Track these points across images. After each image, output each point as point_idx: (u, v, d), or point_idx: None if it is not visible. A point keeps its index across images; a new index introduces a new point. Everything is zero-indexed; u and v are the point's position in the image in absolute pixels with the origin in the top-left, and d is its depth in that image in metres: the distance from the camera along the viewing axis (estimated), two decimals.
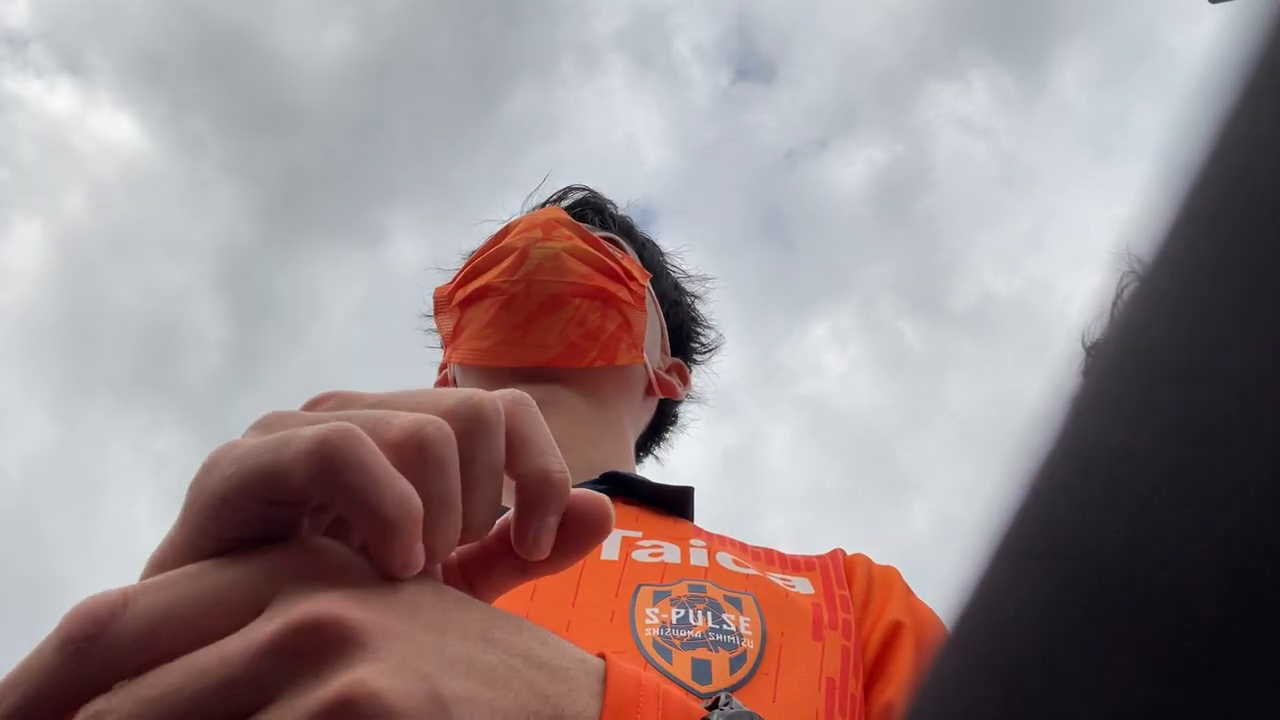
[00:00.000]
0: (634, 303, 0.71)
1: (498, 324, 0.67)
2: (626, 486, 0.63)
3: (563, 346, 0.67)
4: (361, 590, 0.27)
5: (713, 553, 0.57)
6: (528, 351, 0.67)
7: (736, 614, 0.50)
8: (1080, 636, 0.12)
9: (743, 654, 0.47)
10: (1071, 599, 0.12)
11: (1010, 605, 0.13)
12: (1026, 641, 0.13)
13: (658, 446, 0.86)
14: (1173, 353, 0.12)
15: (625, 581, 0.52)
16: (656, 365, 0.77)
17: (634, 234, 0.84)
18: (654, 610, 0.50)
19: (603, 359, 0.68)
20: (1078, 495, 0.13)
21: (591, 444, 0.67)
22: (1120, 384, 0.13)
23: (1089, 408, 0.13)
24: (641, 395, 0.76)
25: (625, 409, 0.73)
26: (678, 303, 0.84)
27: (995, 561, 0.14)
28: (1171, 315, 0.13)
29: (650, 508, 0.62)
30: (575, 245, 0.68)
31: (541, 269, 0.66)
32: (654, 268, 0.81)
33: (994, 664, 0.13)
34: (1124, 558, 0.11)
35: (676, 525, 0.61)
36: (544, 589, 0.51)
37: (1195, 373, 0.12)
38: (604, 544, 0.55)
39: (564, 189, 0.86)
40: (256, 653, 0.25)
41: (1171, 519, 0.11)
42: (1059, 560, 0.13)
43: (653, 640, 0.48)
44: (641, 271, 0.75)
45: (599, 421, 0.69)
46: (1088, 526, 0.12)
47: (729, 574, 0.55)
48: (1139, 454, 0.12)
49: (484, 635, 0.28)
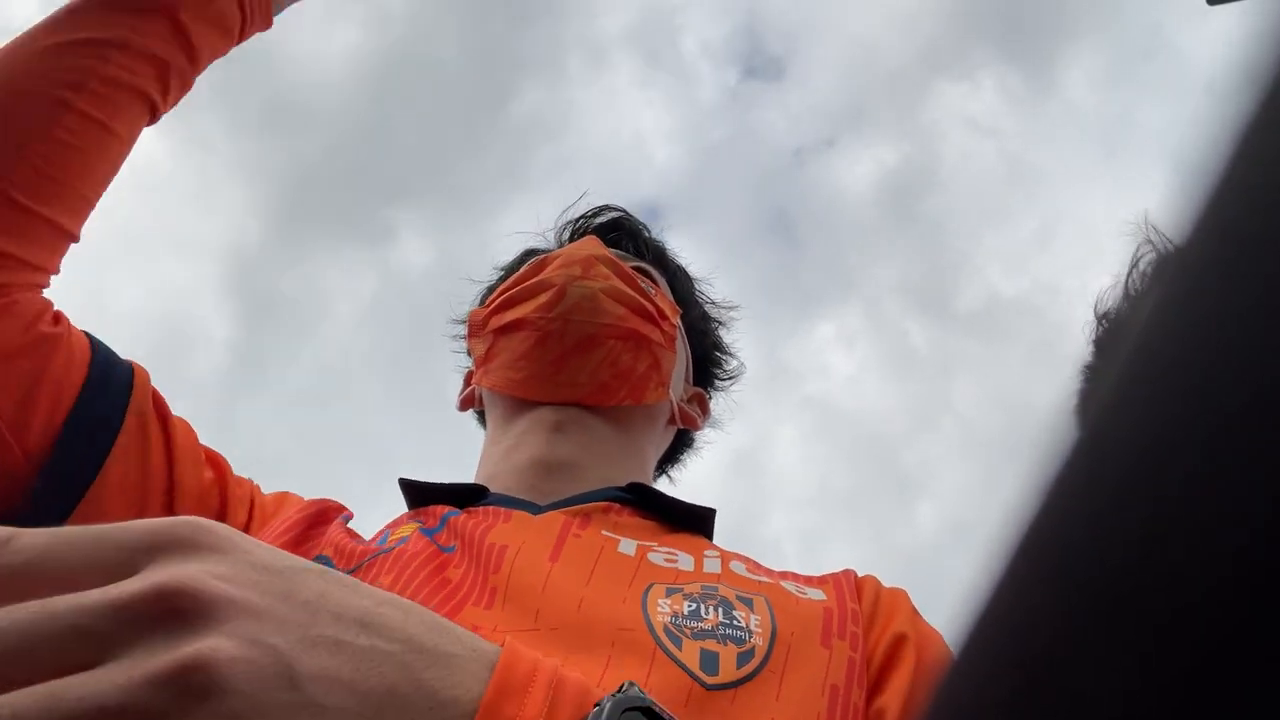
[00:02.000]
0: (665, 343, 0.72)
1: (532, 358, 0.69)
2: (649, 499, 0.64)
3: (594, 386, 0.69)
4: (237, 567, 0.28)
5: (726, 562, 0.58)
6: (559, 389, 0.69)
7: (747, 612, 0.51)
8: (1090, 646, 0.12)
9: (751, 649, 0.48)
10: (1082, 609, 0.12)
11: (1021, 615, 0.13)
12: (1037, 651, 0.13)
13: (672, 467, 0.88)
14: (1188, 364, 0.12)
15: (639, 578, 0.53)
16: (679, 397, 0.79)
17: (666, 261, 0.85)
18: (666, 601, 0.50)
19: (631, 398, 0.70)
20: (1089, 505, 0.13)
21: (611, 463, 0.68)
22: (1134, 394, 0.13)
23: (1102, 418, 0.13)
24: (664, 425, 0.78)
25: (648, 437, 0.75)
26: (704, 332, 0.86)
27: (1006, 571, 0.14)
28: (1187, 325, 0.13)
29: (669, 525, 0.63)
30: (612, 286, 0.70)
31: (579, 309, 0.68)
32: (684, 298, 0.83)
33: (1005, 673, 0.13)
34: (1135, 568, 0.11)
35: (693, 540, 0.62)
36: (560, 567, 0.52)
37: (1210, 383, 0.12)
38: (620, 542, 0.56)
39: (599, 207, 0.87)
40: (110, 608, 0.26)
41: (1183, 530, 0.11)
42: (1069, 570, 0.13)
43: (664, 625, 0.48)
44: (673, 308, 0.77)
45: (620, 444, 0.71)
46: (1099, 537, 0.12)
47: (742, 579, 0.56)
48: (1152, 465, 0.12)
49: (362, 619, 0.29)
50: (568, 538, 0.56)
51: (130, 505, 0.57)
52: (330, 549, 0.56)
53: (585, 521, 0.59)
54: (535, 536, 0.56)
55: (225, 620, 0.26)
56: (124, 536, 0.28)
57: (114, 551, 0.28)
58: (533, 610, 0.49)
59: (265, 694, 0.26)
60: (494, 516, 0.58)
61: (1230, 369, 0.11)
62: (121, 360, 0.61)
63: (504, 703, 0.29)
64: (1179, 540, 0.11)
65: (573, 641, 0.47)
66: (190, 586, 0.27)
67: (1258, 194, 0.12)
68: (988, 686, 0.13)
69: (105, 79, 0.57)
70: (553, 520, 0.58)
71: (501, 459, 0.69)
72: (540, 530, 0.57)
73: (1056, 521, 0.13)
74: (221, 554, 0.29)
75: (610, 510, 0.62)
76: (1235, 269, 0.12)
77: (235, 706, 0.25)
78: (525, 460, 0.67)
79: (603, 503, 0.62)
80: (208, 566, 0.28)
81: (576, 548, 0.55)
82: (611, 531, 0.59)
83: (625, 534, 0.59)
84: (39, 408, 0.55)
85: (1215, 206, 0.13)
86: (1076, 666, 0.12)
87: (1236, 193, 0.13)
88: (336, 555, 0.56)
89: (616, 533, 0.59)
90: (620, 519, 0.61)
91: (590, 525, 0.59)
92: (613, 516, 0.61)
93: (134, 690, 0.24)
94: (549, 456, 0.66)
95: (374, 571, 0.52)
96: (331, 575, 0.31)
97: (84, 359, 0.58)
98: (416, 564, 0.53)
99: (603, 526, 0.59)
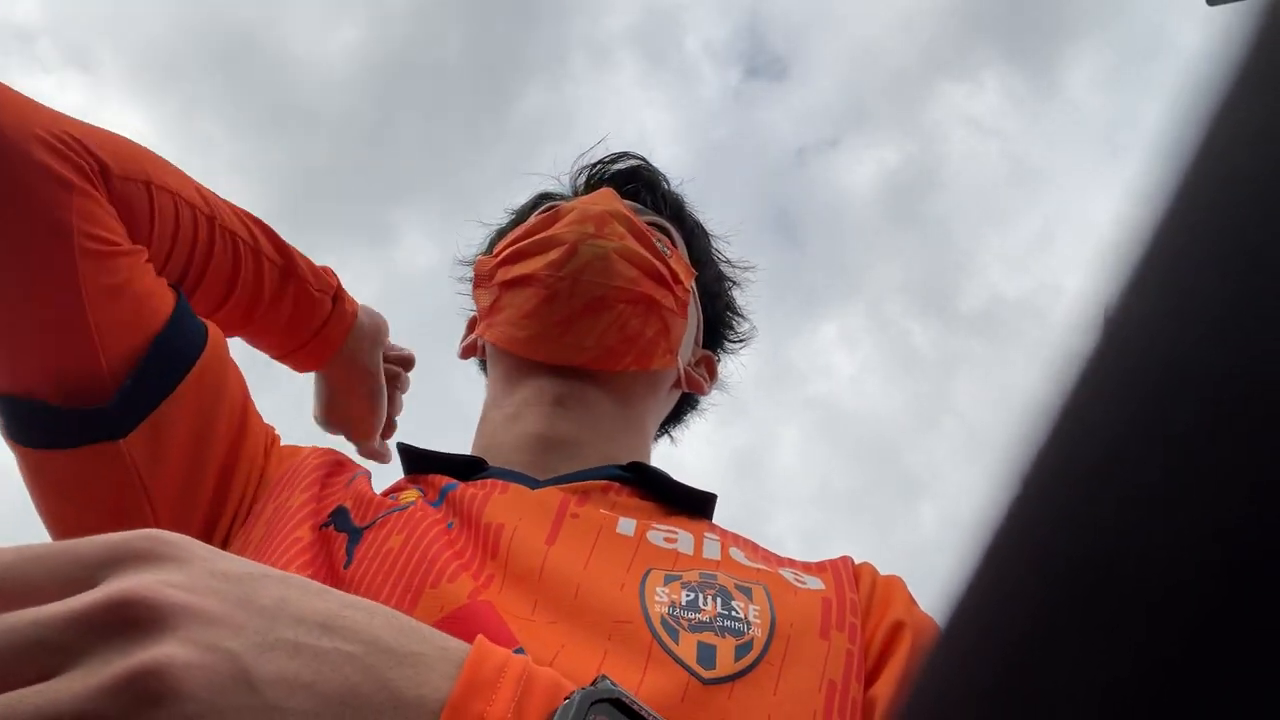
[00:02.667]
0: (676, 309, 0.70)
1: (538, 316, 0.66)
2: (649, 479, 0.63)
3: (600, 349, 0.66)
4: (195, 575, 0.29)
5: (726, 547, 0.57)
6: (564, 350, 0.67)
7: (746, 602, 0.50)
8: (1067, 637, 0.12)
9: (749, 641, 0.47)
10: (1059, 600, 0.12)
11: (998, 606, 0.13)
12: (1014, 642, 0.13)
13: (675, 427, 0.86)
14: (1163, 355, 0.12)
15: (638, 561, 0.52)
16: (687, 361, 0.76)
17: (684, 216, 0.82)
18: (664, 590, 0.50)
19: (637, 364, 0.68)
20: (1066, 497, 0.13)
21: (611, 440, 0.67)
22: (1110, 386, 0.13)
23: (1079, 409, 0.13)
24: (668, 390, 0.76)
25: (650, 406, 0.74)
26: (717, 294, 0.83)
27: (984, 562, 0.14)
28: (1161, 317, 0.13)
29: (669, 506, 0.62)
30: (626, 246, 0.67)
31: (590, 269, 0.65)
32: (700, 257, 0.80)
33: (983, 664, 0.13)
34: (1112, 559, 0.12)
35: (693, 521, 0.61)
36: (556, 550, 0.52)
37: (1185, 375, 0.12)
38: (619, 521, 0.56)
39: (617, 154, 0.83)
40: (67, 619, 0.26)
41: (1160, 521, 0.11)
42: (1046, 561, 0.13)
43: (661, 617, 0.48)
44: (688, 271, 0.74)
45: (622, 419, 0.69)
46: (1076, 528, 0.12)
47: (741, 567, 0.55)
48: (1128, 456, 0.12)
49: (324, 623, 0.29)
50: (565, 517, 0.55)
51: (194, 438, 0.59)
52: (350, 499, 0.57)
53: (584, 499, 0.58)
54: (532, 514, 0.55)
55: (180, 627, 0.27)
56: (84, 551, 0.29)
57: (74, 566, 0.28)
58: (530, 599, 0.48)
59: (222, 698, 0.26)
60: (491, 488, 0.58)
61: (1206, 353, 0.12)
62: None
63: (472, 699, 0.29)
64: (1156, 525, 0.11)
65: (569, 632, 0.46)
66: (145, 595, 0.27)
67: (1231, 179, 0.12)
68: (967, 674, 0.13)
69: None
70: (550, 496, 0.57)
71: (501, 427, 0.68)
72: (537, 506, 0.56)
73: (1033, 508, 0.13)
74: (179, 563, 0.29)
75: (610, 489, 0.61)
76: (1210, 253, 0.12)
77: (191, 711, 0.26)
78: (525, 434, 0.65)
79: (602, 481, 0.61)
80: (164, 575, 0.28)
81: (574, 528, 0.54)
82: (610, 511, 0.58)
83: (624, 513, 0.58)
84: (129, 326, 0.57)
85: (1188, 193, 0.13)
86: (1055, 652, 0.12)
87: (1210, 179, 0.13)
88: (355, 506, 0.56)
89: (616, 512, 0.58)
90: (619, 499, 0.61)
91: (589, 503, 0.58)
92: (612, 496, 0.60)
93: (88, 698, 0.25)
94: (549, 432, 0.65)
95: (387, 528, 0.53)
96: (294, 580, 0.31)
97: (169, 294, 0.61)
98: (426, 524, 0.53)
99: (601, 505, 0.58)
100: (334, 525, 0.55)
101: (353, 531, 0.54)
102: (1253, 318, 0.11)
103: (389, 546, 0.51)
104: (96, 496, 0.57)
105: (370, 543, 0.52)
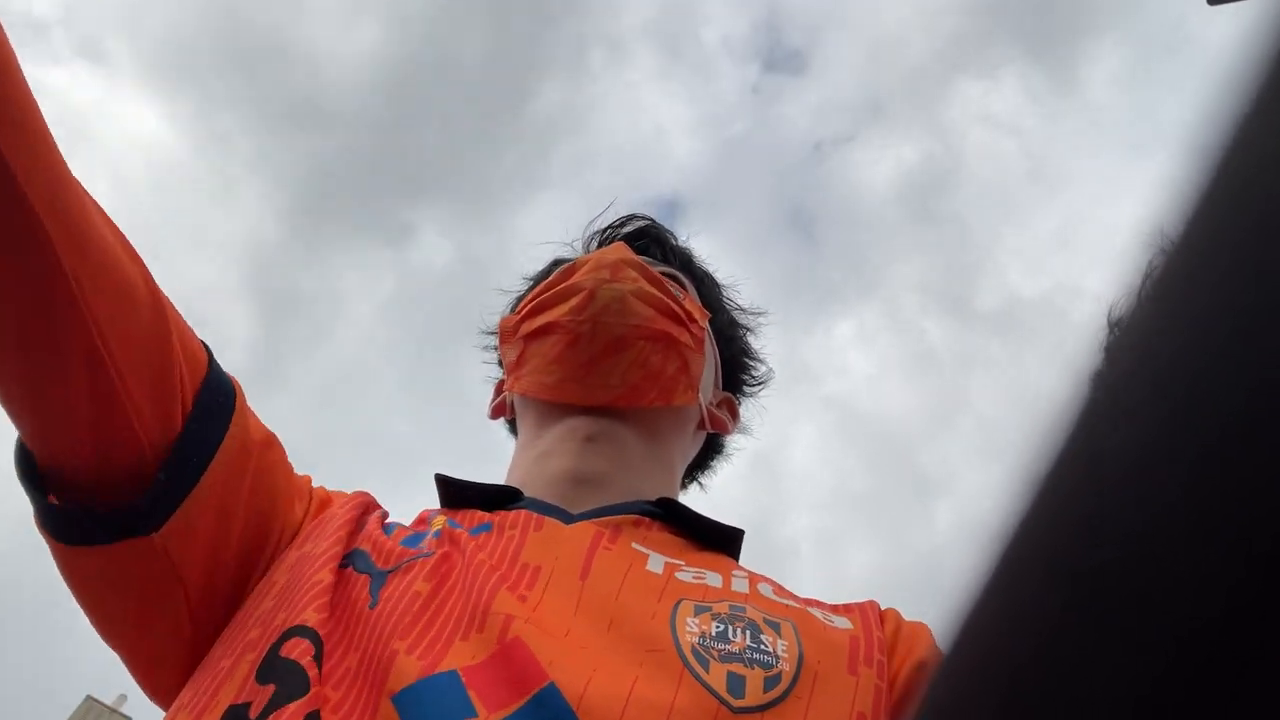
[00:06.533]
0: (694, 345, 0.73)
1: (563, 361, 0.70)
2: (678, 515, 0.65)
3: (625, 387, 0.69)
4: None
5: (754, 584, 0.59)
6: (591, 391, 0.69)
7: (775, 636, 0.51)
8: (1078, 643, 0.12)
9: (778, 675, 0.48)
10: (1071, 606, 0.12)
11: (1010, 611, 0.13)
12: (1025, 648, 0.13)
13: (703, 474, 0.89)
14: (1187, 363, 0.12)
15: (668, 593, 0.54)
16: (709, 401, 0.79)
17: (693, 268, 0.86)
18: (694, 620, 0.51)
19: (661, 400, 0.71)
20: (1081, 504, 0.13)
21: (641, 476, 0.69)
22: (1129, 395, 0.13)
23: (1095, 417, 0.13)
24: (693, 430, 0.79)
25: (677, 444, 0.76)
26: (732, 338, 0.87)
27: (996, 568, 0.14)
28: (1181, 327, 0.13)
29: (697, 542, 0.64)
30: (641, 288, 0.71)
31: (608, 310, 0.69)
32: (711, 304, 0.84)
33: (993, 670, 0.13)
34: (1125, 568, 0.11)
35: (719, 560, 0.62)
36: (590, 585, 0.53)
37: (1208, 386, 0.12)
38: (649, 560, 0.57)
39: (626, 216, 0.88)
40: None
41: (1175, 530, 0.11)
42: (1059, 568, 0.13)
43: (691, 646, 0.48)
44: (701, 312, 0.78)
45: (650, 456, 0.72)
46: (1090, 536, 0.12)
47: (770, 602, 0.56)
48: (1150, 467, 0.12)
49: None
50: (598, 550, 0.57)
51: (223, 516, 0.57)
52: (368, 544, 0.57)
53: (615, 534, 0.60)
54: (567, 553, 0.56)
55: None
56: None
57: None
58: (564, 626, 0.49)
59: None
60: (526, 525, 0.59)
61: (1229, 368, 0.11)
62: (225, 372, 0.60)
63: None
64: (1177, 535, 0.11)
65: (601, 656, 0.47)
66: None
67: (1254, 194, 0.12)
68: (978, 686, 0.13)
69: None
70: (583, 531, 0.59)
71: (533, 465, 0.70)
72: (571, 542, 0.57)
73: (1051, 521, 0.13)
74: None
75: (640, 524, 0.63)
76: (1233, 269, 0.12)
77: None
78: (557, 470, 0.68)
79: (633, 515, 0.63)
80: None
81: (606, 561, 0.56)
82: (641, 545, 0.59)
83: (654, 549, 0.59)
84: (166, 397, 0.54)
85: (1211, 206, 0.13)
86: (1069, 662, 0.12)
87: (1232, 193, 0.13)
88: (375, 553, 0.56)
89: (646, 546, 0.59)
90: (649, 534, 0.62)
91: (620, 538, 0.60)
92: (642, 530, 0.62)
93: None
94: (580, 469, 0.67)
95: (413, 574, 0.53)
96: None
97: (202, 356, 0.58)
98: (457, 572, 0.53)
99: (632, 539, 0.60)
100: (353, 567, 0.55)
101: (376, 574, 0.54)
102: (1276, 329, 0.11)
103: (415, 590, 0.52)
104: (127, 585, 0.55)
105: (395, 586, 0.52)
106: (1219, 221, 0.13)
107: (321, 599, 0.51)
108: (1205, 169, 0.13)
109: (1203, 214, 0.13)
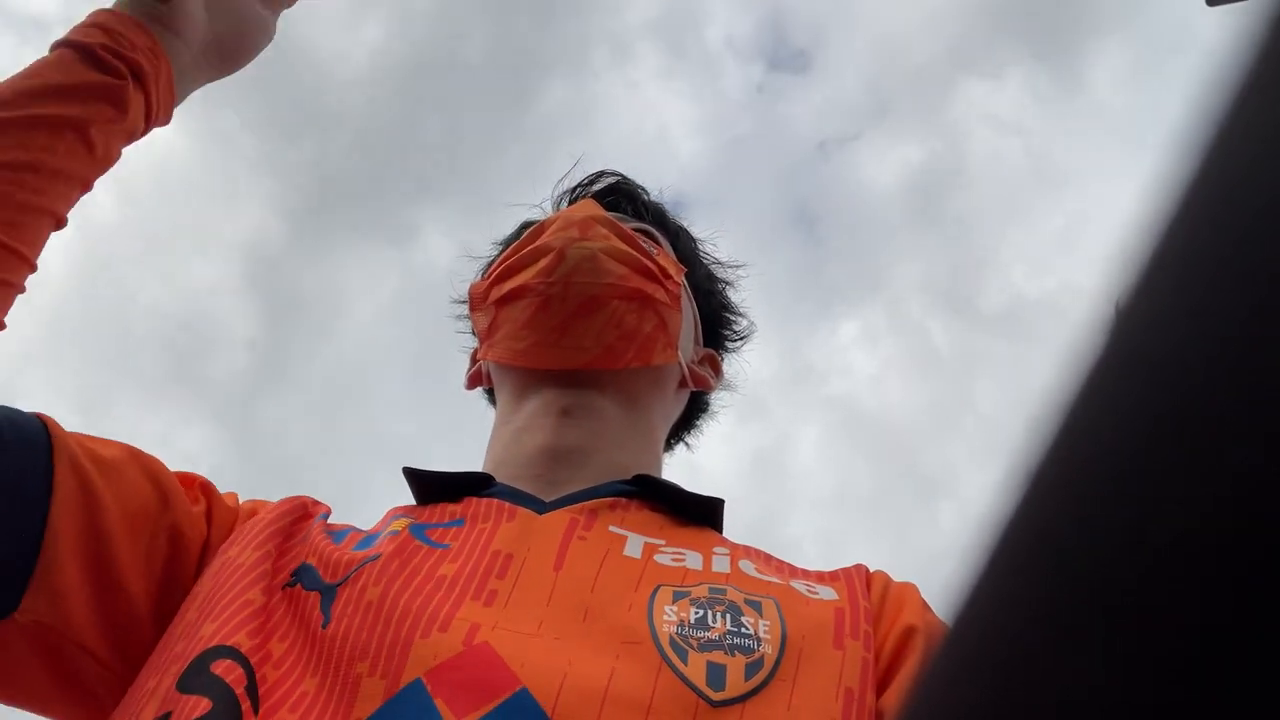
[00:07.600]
0: (670, 302, 0.70)
1: (535, 325, 0.67)
2: (656, 491, 0.63)
3: (600, 349, 0.67)
4: None
5: (735, 560, 0.57)
6: (565, 354, 0.67)
7: (756, 617, 0.50)
8: (1074, 640, 0.12)
9: (760, 659, 0.47)
10: (1065, 602, 0.12)
11: (1003, 608, 0.13)
12: (1018, 644, 0.12)
13: (689, 434, 0.86)
14: (1173, 356, 0.12)
15: (646, 579, 0.52)
16: (689, 358, 0.76)
17: (666, 222, 0.83)
18: (672, 608, 0.49)
19: (639, 360, 0.68)
20: (1075, 499, 0.13)
21: (620, 448, 0.67)
22: (1120, 387, 0.13)
23: (1088, 411, 0.13)
24: (674, 390, 0.76)
25: (657, 407, 0.73)
26: (710, 292, 0.83)
27: (990, 563, 0.14)
28: (1172, 318, 0.13)
29: (676, 516, 0.62)
30: (612, 245, 0.68)
31: (579, 270, 0.66)
32: (687, 258, 0.81)
33: (985, 666, 0.13)
34: (1120, 562, 0.11)
35: (701, 534, 0.60)
36: (564, 576, 0.51)
37: (1195, 377, 0.12)
38: (627, 543, 0.55)
39: (595, 174, 0.85)
40: None
41: (1170, 525, 0.11)
42: (1054, 563, 0.12)
43: (669, 637, 0.47)
44: (677, 267, 0.75)
45: (629, 424, 0.69)
46: (1085, 531, 0.12)
47: (751, 579, 0.54)
48: (1139, 458, 0.12)
49: None
50: (572, 539, 0.55)
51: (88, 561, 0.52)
52: (315, 558, 0.54)
53: (591, 519, 0.58)
54: (539, 544, 0.54)
55: None
56: None
57: None
58: (536, 618, 0.48)
59: None
60: (498, 516, 0.57)
61: (1220, 361, 0.11)
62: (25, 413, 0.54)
63: None
64: (1171, 535, 0.11)
65: (576, 649, 0.46)
66: None
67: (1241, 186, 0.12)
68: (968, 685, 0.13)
69: (19, 205, 0.55)
70: (557, 520, 0.57)
71: (511, 442, 0.67)
72: (544, 533, 0.56)
73: (1042, 516, 0.13)
74: None
75: (617, 506, 0.60)
76: (1223, 258, 0.12)
77: None
78: (534, 448, 0.65)
79: (609, 498, 0.61)
80: None
81: (581, 550, 0.54)
82: (619, 527, 0.57)
83: (632, 529, 0.58)
84: None
85: (1197, 198, 0.13)
86: (1058, 666, 0.12)
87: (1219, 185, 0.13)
88: (322, 566, 0.53)
89: (624, 528, 0.57)
90: (627, 514, 0.60)
91: (596, 523, 0.57)
92: (619, 512, 0.60)
93: None
94: (557, 445, 0.65)
95: (362, 581, 0.51)
96: None
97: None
98: (408, 571, 0.51)
99: (609, 522, 0.58)
100: (301, 584, 0.52)
101: (325, 589, 0.51)
102: (1274, 321, 0.11)
103: (368, 599, 0.49)
104: (18, 666, 0.51)
105: (346, 599, 0.50)
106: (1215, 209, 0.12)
107: (252, 623, 0.48)
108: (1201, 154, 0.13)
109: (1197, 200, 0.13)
